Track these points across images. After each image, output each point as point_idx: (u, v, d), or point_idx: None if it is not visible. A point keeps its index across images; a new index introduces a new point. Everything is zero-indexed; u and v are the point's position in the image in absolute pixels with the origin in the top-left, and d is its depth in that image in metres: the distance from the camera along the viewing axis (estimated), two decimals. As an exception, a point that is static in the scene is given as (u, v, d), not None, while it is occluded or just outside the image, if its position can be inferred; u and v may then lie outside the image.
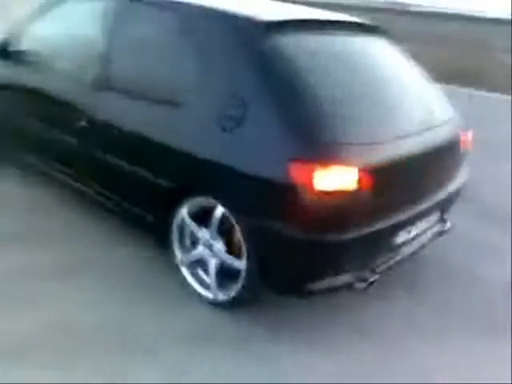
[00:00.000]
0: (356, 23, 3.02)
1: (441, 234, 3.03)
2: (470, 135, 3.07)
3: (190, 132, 2.53)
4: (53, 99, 3.25)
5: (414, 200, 2.60)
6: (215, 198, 2.47)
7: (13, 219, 3.26)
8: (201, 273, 2.67)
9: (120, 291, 2.67)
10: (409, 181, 2.57)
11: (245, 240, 2.38)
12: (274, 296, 2.54)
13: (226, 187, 2.42)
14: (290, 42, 2.47)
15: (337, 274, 2.41)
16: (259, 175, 2.29)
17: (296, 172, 2.18)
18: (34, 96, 3.41)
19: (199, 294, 2.65)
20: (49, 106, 3.30)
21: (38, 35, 3.51)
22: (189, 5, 2.77)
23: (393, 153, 2.44)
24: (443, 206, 2.90)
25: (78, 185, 3.20)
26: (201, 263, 2.66)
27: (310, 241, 2.24)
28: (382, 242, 2.49)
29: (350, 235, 2.28)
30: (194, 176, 2.55)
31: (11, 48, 3.61)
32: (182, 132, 2.55)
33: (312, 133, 2.24)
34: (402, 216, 2.50)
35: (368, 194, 2.28)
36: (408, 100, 2.80)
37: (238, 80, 2.42)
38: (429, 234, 2.87)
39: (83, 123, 2.96)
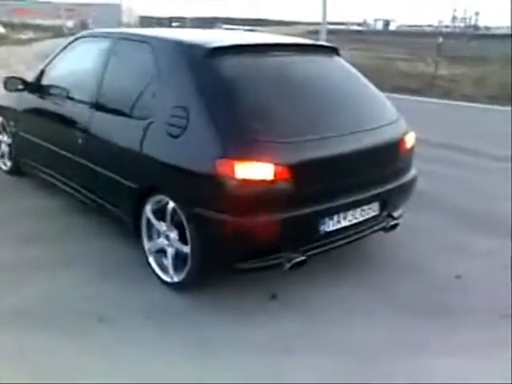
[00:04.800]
0: (305, 45, 3.54)
1: (387, 229, 3.33)
2: (412, 137, 3.38)
3: (149, 140, 3.05)
4: (63, 121, 3.92)
5: (340, 192, 2.95)
6: (167, 194, 2.97)
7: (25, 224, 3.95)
8: (163, 260, 3.14)
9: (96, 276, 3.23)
10: (334, 175, 2.94)
11: (187, 227, 2.85)
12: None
13: (173, 184, 2.94)
14: (226, 64, 2.96)
15: (264, 254, 2.80)
16: (195, 171, 2.78)
17: (221, 166, 2.64)
18: (50, 119, 4.13)
19: (160, 278, 3.12)
20: (60, 127, 3.98)
21: (55, 72, 4.30)
22: (151, 37, 3.41)
23: (315, 150, 2.83)
24: (384, 201, 3.21)
25: (76, 193, 3.86)
26: (163, 252, 3.13)
27: (233, 223, 2.67)
28: (306, 227, 2.86)
29: (270, 219, 2.69)
30: (152, 177, 3.07)
31: (37, 83, 4.39)
32: (144, 140, 3.08)
33: (234, 136, 2.71)
34: (325, 205, 2.86)
35: (286, 184, 2.69)
36: (341, 106, 3.19)
37: (184, 95, 2.93)
38: (368, 226, 3.19)
39: (80, 139, 3.60)
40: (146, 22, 65.59)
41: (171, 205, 2.94)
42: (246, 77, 2.97)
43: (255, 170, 2.63)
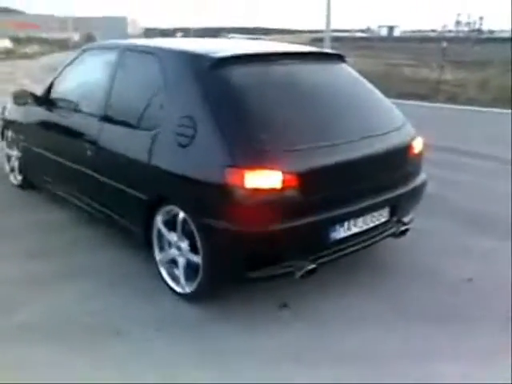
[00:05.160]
0: (311, 53, 3.55)
1: (397, 234, 3.30)
2: (420, 142, 3.37)
3: (157, 150, 3.05)
4: (72, 133, 3.92)
5: (350, 199, 2.93)
6: (177, 204, 2.96)
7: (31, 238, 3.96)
8: (175, 270, 3.13)
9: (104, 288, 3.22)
10: (343, 181, 2.92)
11: (198, 237, 2.84)
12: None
13: (183, 194, 2.93)
14: (233, 73, 2.96)
15: (275, 263, 2.79)
16: (204, 181, 2.77)
17: (231, 175, 2.63)
18: (59, 132, 4.13)
19: (171, 289, 3.11)
20: (69, 139, 3.99)
21: (63, 85, 4.32)
22: (157, 47, 3.43)
23: (324, 157, 2.83)
24: (394, 206, 3.19)
25: (85, 205, 3.86)
26: (174, 262, 3.12)
27: (243, 232, 2.66)
28: (316, 234, 2.84)
29: (280, 227, 2.67)
30: (161, 188, 3.07)
31: (45, 97, 4.41)
32: (152, 151, 3.07)
33: (243, 145, 2.70)
34: (335, 212, 2.84)
35: (295, 192, 2.67)
36: (348, 113, 3.19)
37: (191, 105, 2.93)
38: (379, 232, 3.17)
39: (89, 151, 3.60)
40: (151, 33, 66.12)
41: (182, 215, 2.93)
42: (252, 85, 2.96)
43: (264, 179, 2.62)
